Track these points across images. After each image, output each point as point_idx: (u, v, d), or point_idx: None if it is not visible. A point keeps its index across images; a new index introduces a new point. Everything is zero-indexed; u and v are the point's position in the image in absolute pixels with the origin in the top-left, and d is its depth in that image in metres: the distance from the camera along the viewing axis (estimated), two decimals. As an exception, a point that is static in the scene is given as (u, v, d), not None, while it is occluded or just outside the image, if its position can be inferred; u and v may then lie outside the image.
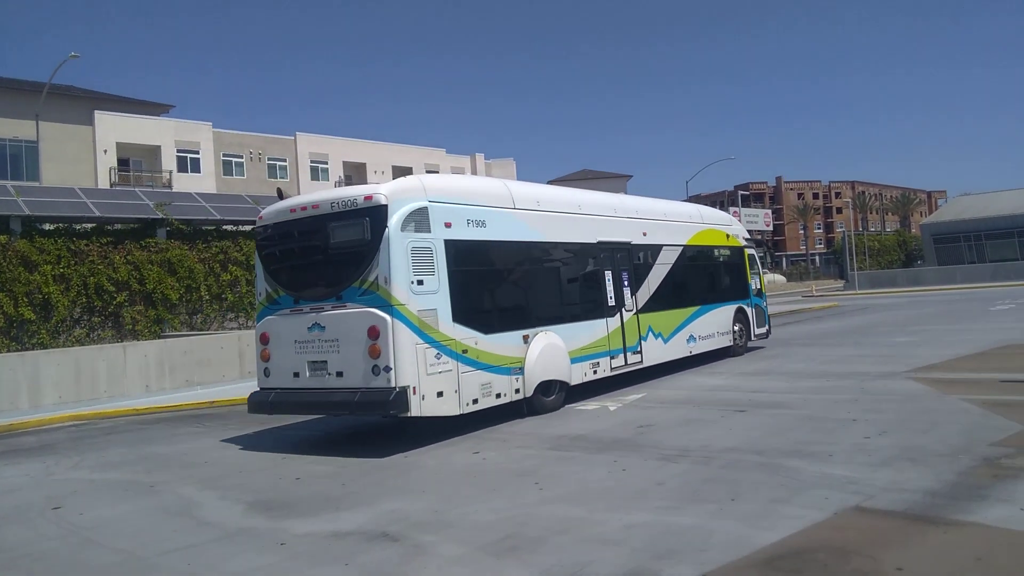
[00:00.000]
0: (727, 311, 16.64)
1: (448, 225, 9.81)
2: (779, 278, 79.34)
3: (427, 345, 9.19)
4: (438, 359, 9.32)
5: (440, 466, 8.28)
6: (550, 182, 64.87)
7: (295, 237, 10.02)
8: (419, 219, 9.43)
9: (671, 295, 14.56)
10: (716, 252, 16.86)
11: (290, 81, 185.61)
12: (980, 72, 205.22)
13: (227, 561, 5.61)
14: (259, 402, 10.14)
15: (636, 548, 5.16)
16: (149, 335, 20.69)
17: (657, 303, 14.03)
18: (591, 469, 7.55)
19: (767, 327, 18.59)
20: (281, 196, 10.86)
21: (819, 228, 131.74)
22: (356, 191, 9.56)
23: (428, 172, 56.68)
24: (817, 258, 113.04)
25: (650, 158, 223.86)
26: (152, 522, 6.83)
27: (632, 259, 13.66)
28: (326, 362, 9.38)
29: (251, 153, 49.65)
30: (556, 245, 11.94)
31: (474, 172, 60.49)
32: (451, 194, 10.19)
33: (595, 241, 12.74)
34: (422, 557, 5.34)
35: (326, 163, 52.91)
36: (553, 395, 11.23)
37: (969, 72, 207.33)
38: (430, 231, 9.53)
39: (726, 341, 16.49)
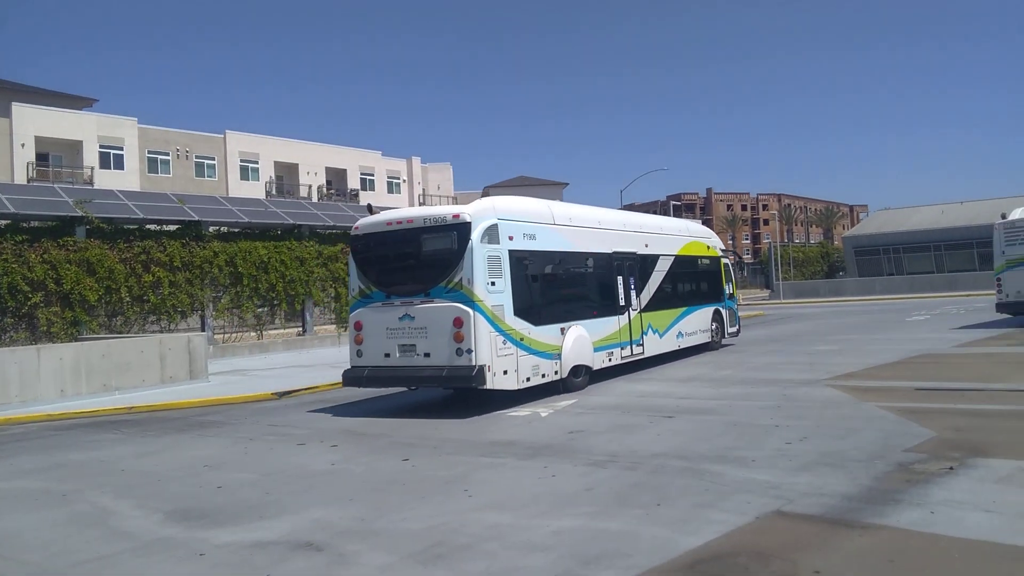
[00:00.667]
0: (707, 312, 19.09)
1: (511, 238, 12.12)
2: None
3: (497, 333, 11.48)
4: (504, 345, 11.60)
5: (368, 473, 8.15)
6: (487, 188, 65.07)
7: (389, 245, 12.44)
8: (492, 233, 11.73)
9: (665, 297, 16.93)
10: (700, 261, 19.24)
11: (221, 78, 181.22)
12: (900, 92, 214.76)
13: (143, 572, 5.39)
14: (355, 377, 12.41)
15: (564, 554, 5.17)
16: (65, 337, 19.85)
17: (655, 304, 16.38)
18: (521, 475, 7.55)
19: (737, 327, 21.04)
20: (371, 211, 13.10)
21: (747, 239, 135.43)
22: (445, 210, 12.18)
23: (364, 174, 56.52)
24: (745, 268, 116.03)
25: (586, 166, 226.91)
26: (64, 532, 6.52)
27: (637, 266, 15.94)
28: (415, 345, 11.69)
29: (178, 151, 48.13)
30: (584, 254, 14.34)
31: (410, 174, 60.10)
32: (511, 213, 12.45)
33: (611, 251, 15.11)
34: (347, 566, 5.23)
35: (257, 163, 51.61)
36: (581, 377, 13.43)
37: (890, 92, 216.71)
38: (499, 243, 11.84)
39: (706, 338, 18.86)
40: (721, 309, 19.83)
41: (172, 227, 24.16)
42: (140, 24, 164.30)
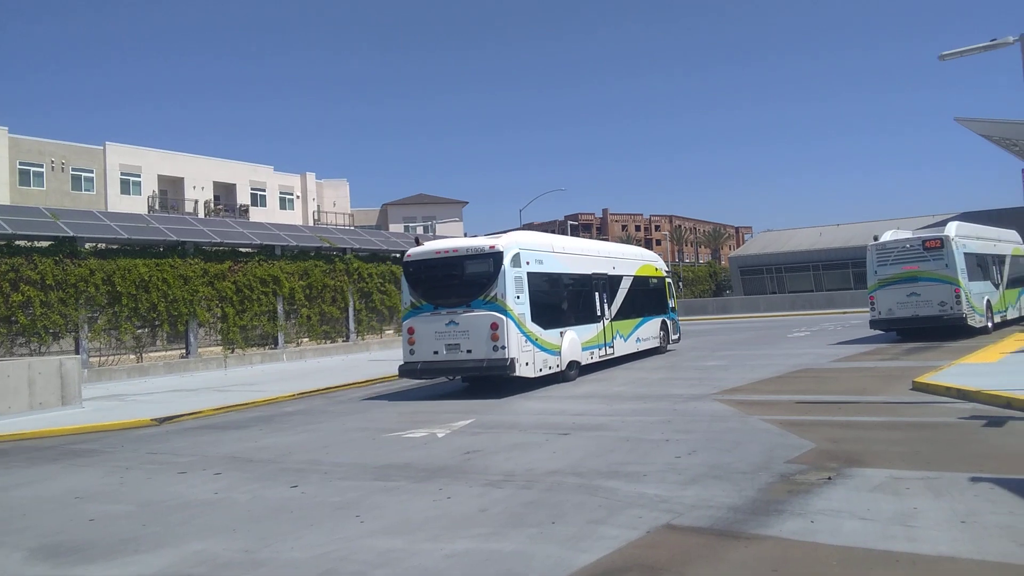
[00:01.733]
0: (657, 321, 22.87)
1: (528, 263, 15.83)
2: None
3: (521, 334, 15.11)
4: (526, 343, 15.24)
5: (254, 502, 7.79)
6: (385, 205, 64.34)
7: (437, 268, 15.77)
8: (516, 260, 15.45)
9: (628, 309, 20.61)
10: (650, 280, 22.93)
11: (100, 86, 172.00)
12: (783, 110, 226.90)
13: (-5, 620, 4.92)
14: (409, 370, 15.78)
15: (456, 578, 5.07)
16: (-82, 362, 18.16)
17: (620, 314, 20.06)
18: (415, 498, 7.39)
19: (679, 334, 24.85)
20: (418, 242, 16.83)
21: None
22: (483, 242, 15.77)
23: (255, 190, 54.76)
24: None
25: (486, 185, 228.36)
26: (-96, 580, 5.89)
27: (608, 284, 19.58)
28: (459, 344, 15.13)
29: (53, 162, 45.25)
30: (574, 275, 18.02)
31: (304, 190, 58.54)
32: (527, 244, 16.26)
33: (591, 272, 18.85)
34: (228, 601, 4.94)
35: (139, 176, 49.01)
36: (574, 371, 17.02)
37: (780, 111, 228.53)
38: (521, 267, 15.55)
39: (656, 343, 22.63)
40: (667, 320, 23.63)
41: (44, 243, 22.59)
42: (12, 33, 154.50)
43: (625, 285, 20.60)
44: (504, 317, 14.77)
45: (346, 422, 13.04)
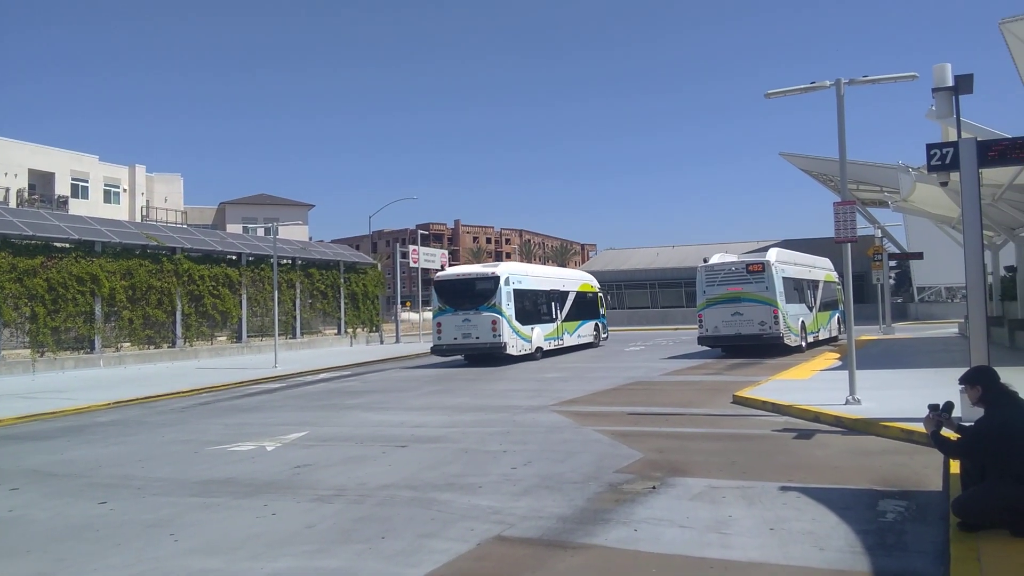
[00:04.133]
0: (592, 324, 31.22)
1: (513, 283, 24.10)
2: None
3: (510, 327, 23.37)
4: (513, 333, 23.53)
5: (54, 520, 7.05)
6: (223, 203, 61.26)
7: (457, 285, 24.32)
8: (507, 281, 23.71)
9: (573, 314, 28.98)
10: (587, 294, 31.07)
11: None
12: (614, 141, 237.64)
13: None
14: (438, 349, 24.28)
15: (274, 599, 4.79)
16: None
17: (568, 317, 28.49)
18: (237, 515, 6.96)
19: (607, 334, 33.51)
20: (443, 268, 29.03)
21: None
22: (488, 269, 24.75)
23: (76, 180, 50.42)
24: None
25: (333, 189, 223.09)
26: None
27: (560, 297, 28.07)
28: (471, 333, 23.30)
29: None
30: (540, 291, 26.45)
31: (132, 183, 54.21)
32: (514, 271, 24.91)
33: (550, 289, 27.43)
34: (6, 636, 4.40)
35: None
36: (540, 354, 25.33)
37: (627, 143, 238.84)
38: (510, 285, 23.73)
39: (592, 339, 30.98)
40: (599, 323, 32.15)
41: None
42: None
43: (571, 297, 29.01)
44: (500, 317, 23.27)
45: (166, 434, 12.15)
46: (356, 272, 38.79)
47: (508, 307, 23.38)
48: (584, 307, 30.28)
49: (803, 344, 24.77)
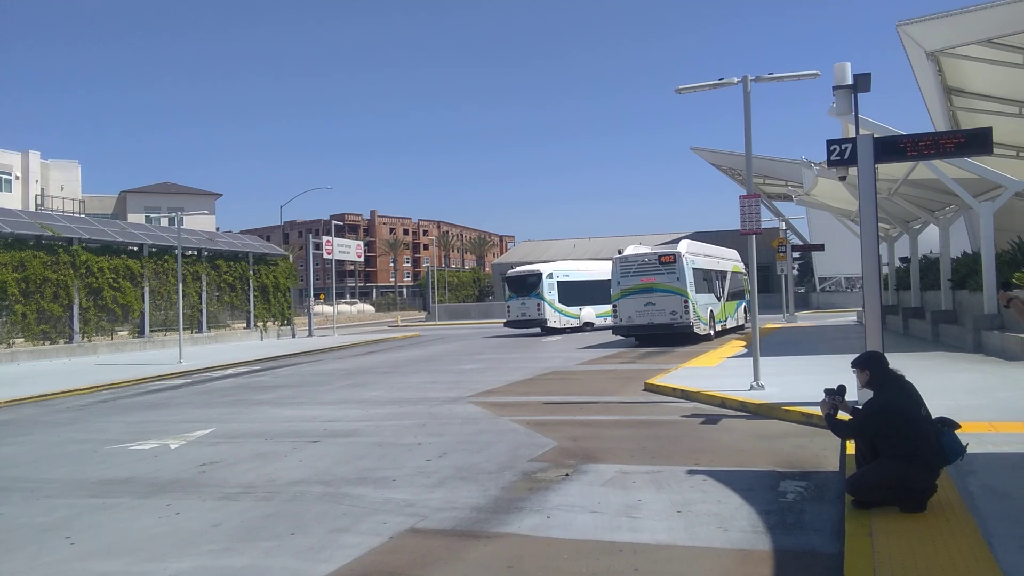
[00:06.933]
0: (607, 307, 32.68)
1: (556, 276, 34.90)
2: (368, 308, 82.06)
3: (554, 309, 34.16)
4: (556, 312, 34.28)
5: (-67, 529, 6.60)
6: (123, 192, 58.58)
7: (516, 279, 35.18)
8: (550, 275, 34.60)
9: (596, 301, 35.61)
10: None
11: None
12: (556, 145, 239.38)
13: None
14: (508, 323, 34.95)
15: (176, 602, 4.62)
16: None
17: (593, 305, 35.92)
18: (138, 516, 6.68)
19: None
20: (512, 268, 39.08)
21: (408, 262, 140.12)
22: (536, 268, 35.58)
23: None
24: (404, 290, 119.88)
25: (242, 178, 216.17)
26: None
27: (591, 285, 35.06)
28: (526, 312, 34.19)
29: None
30: (581, 281, 35.64)
31: (25, 170, 51.10)
32: (556, 267, 35.99)
33: (586, 279, 35.64)
34: None
35: None
36: (590, 328, 35.22)
37: (548, 147, 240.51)
38: (552, 278, 34.55)
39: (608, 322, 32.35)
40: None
41: None
42: None
43: (601, 286, 32.88)
44: (544, 302, 33.28)
45: (62, 433, 11.55)
46: (266, 264, 37.74)
47: (549, 292, 33.56)
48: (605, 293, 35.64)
49: (712, 332, 25.58)
